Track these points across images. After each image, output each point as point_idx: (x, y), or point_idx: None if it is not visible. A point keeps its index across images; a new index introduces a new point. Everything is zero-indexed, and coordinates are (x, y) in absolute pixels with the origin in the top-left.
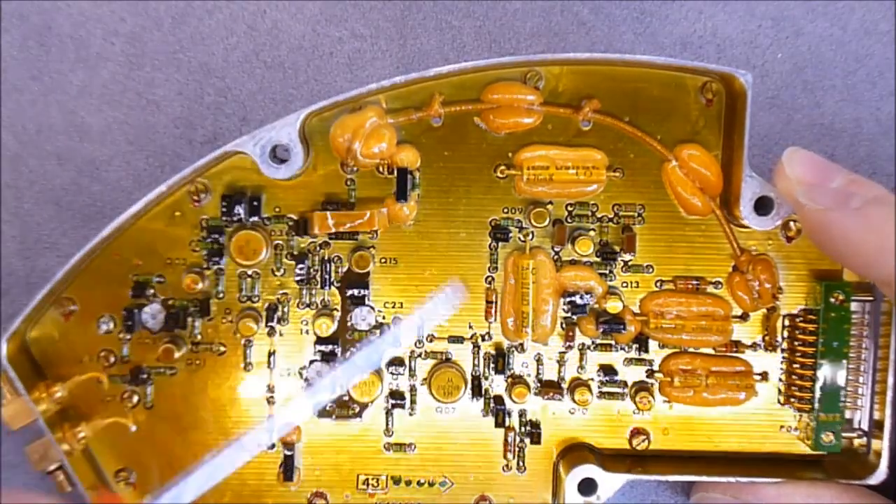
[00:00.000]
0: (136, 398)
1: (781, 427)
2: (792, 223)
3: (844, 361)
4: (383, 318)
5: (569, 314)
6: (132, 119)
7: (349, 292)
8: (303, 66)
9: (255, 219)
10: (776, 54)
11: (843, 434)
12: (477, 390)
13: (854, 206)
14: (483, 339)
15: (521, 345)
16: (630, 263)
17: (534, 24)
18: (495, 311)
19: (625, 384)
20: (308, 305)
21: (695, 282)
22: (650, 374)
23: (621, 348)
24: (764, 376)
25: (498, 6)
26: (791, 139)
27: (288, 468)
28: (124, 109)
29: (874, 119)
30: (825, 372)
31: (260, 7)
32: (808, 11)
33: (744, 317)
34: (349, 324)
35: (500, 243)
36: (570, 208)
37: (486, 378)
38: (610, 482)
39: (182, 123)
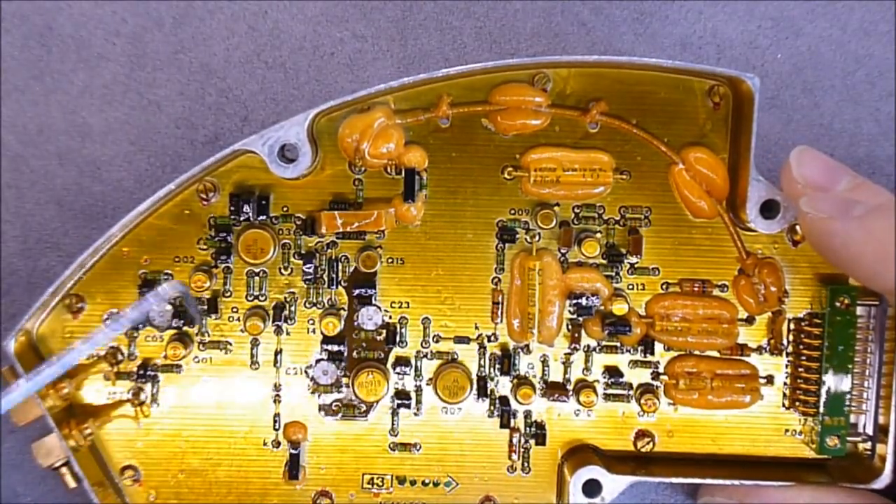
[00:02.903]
0: (142, 395)
1: (786, 430)
2: (798, 227)
3: (850, 365)
4: (390, 317)
5: (575, 316)
6: (133, 119)
7: (356, 292)
8: (304, 66)
9: (263, 218)
10: (776, 55)
11: (848, 438)
12: (482, 391)
13: (856, 215)
14: (489, 340)
15: (527, 346)
16: (636, 266)
17: (534, 24)
18: (501, 312)
19: (630, 386)
20: (315, 304)
21: (701, 284)
22: (655, 376)
23: (627, 350)
24: (769, 380)
25: (498, 7)
26: (791, 139)
27: (293, 467)
28: (125, 110)
29: (873, 119)
30: (830, 376)
31: (261, 7)
32: (807, 12)
33: (749, 320)
34: (356, 323)
35: (507, 244)
36: (576, 210)
37: (492, 379)
38: (614, 484)
39: (183, 124)
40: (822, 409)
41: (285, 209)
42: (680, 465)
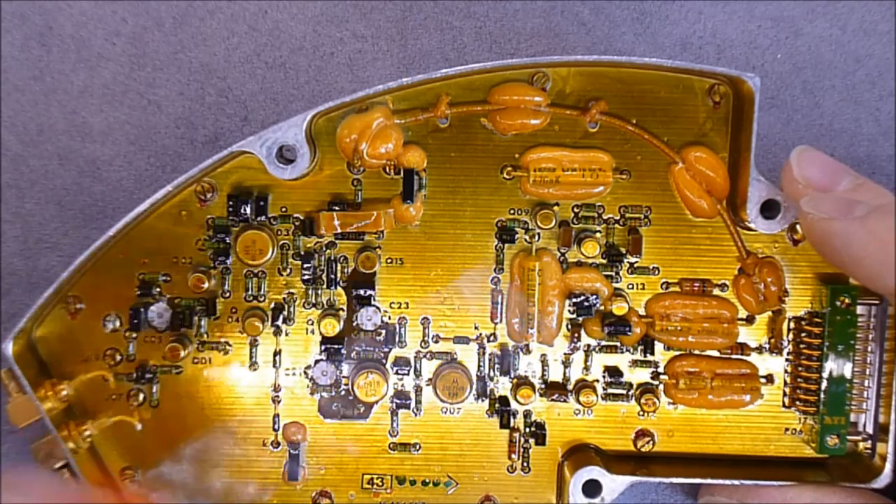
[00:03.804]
0: (141, 396)
1: (786, 430)
2: (798, 226)
3: (850, 364)
4: (389, 318)
5: (574, 316)
6: (133, 119)
7: (355, 292)
8: (304, 66)
9: (262, 218)
10: (776, 55)
11: (848, 437)
12: (482, 391)
13: (857, 216)
14: (488, 340)
15: (527, 346)
16: (636, 265)
17: (534, 24)
18: (501, 313)
19: (630, 386)
20: (314, 305)
21: (701, 284)
22: (655, 376)
23: (627, 350)
24: (769, 379)
25: (498, 7)
26: (791, 139)
27: (293, 467)
28: (126, 110)
29: (873, 119)
30: (830, 375)
31: (261, 7)
32: (807, 12)
33: (749, 319)
34: (355, 324)
35: (506, 244)
36: (576, 210)
37: (492, 379)
38: (614, 484)
39: (183, 123)
40: (822, 408)
41: (284, 210)
42: (680, 465)
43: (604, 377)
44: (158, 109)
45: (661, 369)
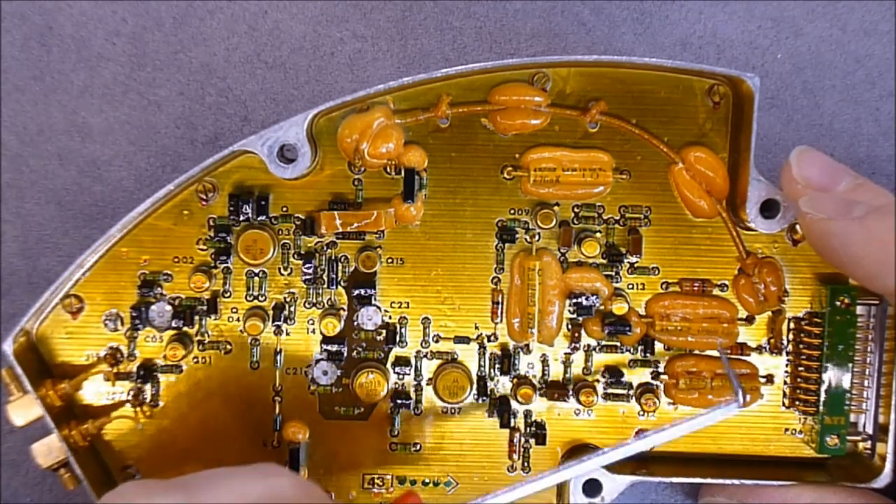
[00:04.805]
0: (142, 396)
1: (786, 430)
2: (798, 226)
3: (849, 365)
4: (390, 317)
5: (574, 316)
6: (133, 119)
7: (356, 292)
8: (304, 66)
9: (263, 218)
10: (776, 55)
11: (848, 437)
12: (482, 391)
13: (856, 216)
14: (489, 340)
15: (527, 346)
16: (636, 265)
17: (534, 24)
18: (501, 312)
19: (630, 386)
20: (315, 305)
21: (701, 284)
22: (655, 375)
23: (627, 350)
24: (769, 379)
25: (498, 7)
26: (791, 139)
27: (293, 467)
28: (126, 109)
29: (873, 119)
30: (830, 375)
31: (261, 7)
32: (807, 12)
33: (749, 319)
34: (355, 323)
35: (507, 244)
36: (576, 210)
37: (492, 379)
38: (614, 484)
39: (183, 123)
40: (822, 409)
41: (285, 209)
42: (680, 465)
43: (604, 377)
44: (158, 109)
45: (661, 369)
